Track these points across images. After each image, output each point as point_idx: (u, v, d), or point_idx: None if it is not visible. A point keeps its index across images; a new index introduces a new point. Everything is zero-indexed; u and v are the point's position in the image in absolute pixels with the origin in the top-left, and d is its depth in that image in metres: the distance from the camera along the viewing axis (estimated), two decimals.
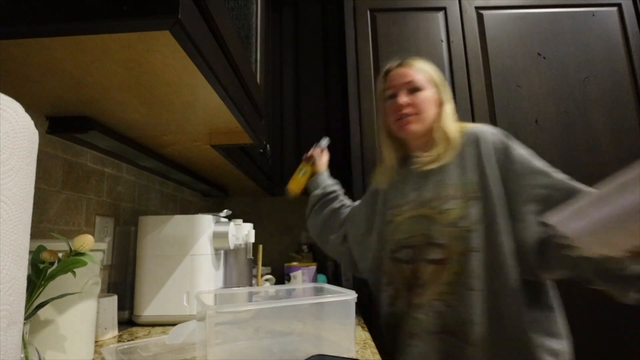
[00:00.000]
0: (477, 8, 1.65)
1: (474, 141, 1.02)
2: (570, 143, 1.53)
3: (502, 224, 0.89)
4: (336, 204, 1.24)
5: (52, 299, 0.51)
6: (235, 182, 1.59)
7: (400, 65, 1.10)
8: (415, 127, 1.03)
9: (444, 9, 1.66)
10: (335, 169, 1.84)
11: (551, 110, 1.55)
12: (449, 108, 1.06)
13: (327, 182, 1.28)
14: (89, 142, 0.89)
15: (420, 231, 0.99)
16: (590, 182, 1.47)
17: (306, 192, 1.31)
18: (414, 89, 1.05)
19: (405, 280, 1.01)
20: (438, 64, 1.60)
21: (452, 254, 0.93)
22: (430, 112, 1.04)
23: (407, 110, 1.03)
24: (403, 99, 1.04)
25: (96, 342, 0.77)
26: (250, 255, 1.23)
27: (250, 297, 0.90)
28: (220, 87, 0.64)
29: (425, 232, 0.98)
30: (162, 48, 0.51)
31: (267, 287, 1.37)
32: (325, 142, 1.37)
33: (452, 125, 1.04)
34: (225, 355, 0.59)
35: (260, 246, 1.28)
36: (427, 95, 1.04)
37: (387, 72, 1.13)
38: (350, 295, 0.71)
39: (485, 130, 1.03)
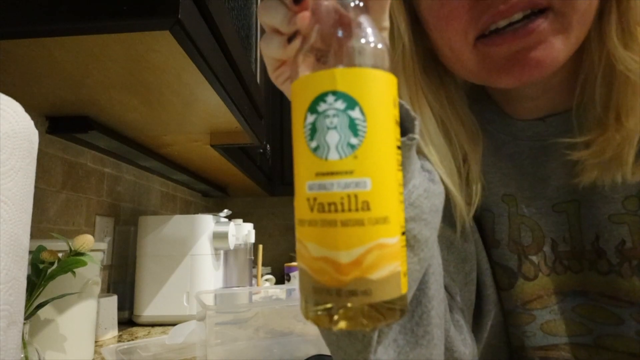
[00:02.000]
0: None
1: None
2: None
3: None
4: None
5: (52, 299, 0.51)
6: (235, 182, 1.59)
7: None
8: (558, 49, 0.34)
9: None
10: None
11: None
12: None
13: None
14: (89, 142, 0.89)
15: (616, 342, 0.40)
16: None
17: None
18: None
19: None
20: None
21: None
22: (592, 8, 0.35)
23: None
24: None
25: (96, 342, 0.77)
26: (250, 255, 1.23)
27: (250, 297, 0.90)
28: (220, 87, 0.64)
29: (634, 345, 0.39)
30: (162, 48, 0.51)
31: (267, 287, 1.37)
32: None
33: None
34: (225, 355, 0.59)
35: (260, 246, 1.28)
36: None
37: None
38: None
39: None
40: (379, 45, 0.21)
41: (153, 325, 0.96)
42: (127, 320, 1.00)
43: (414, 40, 0.41)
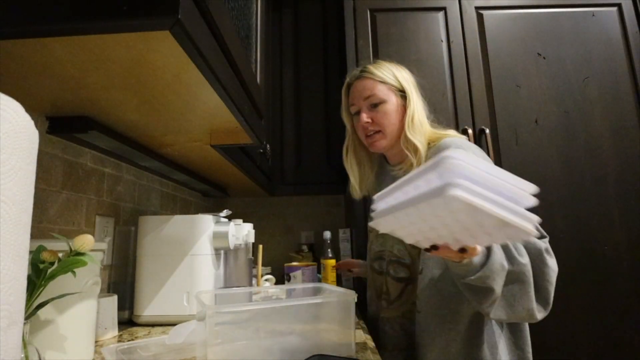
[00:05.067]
0: (477, 8, 1.65)
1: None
2: (570, 143, 1.53)
3: None
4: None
5: (52, 299, 0.51)
6: (235, 182, 1.59)
7: (360, 77, 1.04)
8: (382, 143, 1.00)
9: (444, 9, 1.66)
10: (335, 169, 1.84)
11: (551, 110, 1.55)
12: (415, 113, 0.99)
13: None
14: (89, 142, 0.89)
15: (388, 247, 1.00)
16: (590, 182, 1.48)
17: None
18: (374, 104, 1.00)
19: (376, 290, 1.04)
20: (438, 64, 1.60)
21: (416, 275, 0.93)
22: (394, 124, 0.99)
23: (371, 128, 1.00)
24: (364, 117, 1.00)
25: (96, 342, 0.77)
26: (250, 255, 1.23)
27: (250, 297, 0.90)
28: (220, 87, 0.64)
29: (391, 249, 0.99)
30: (162, 48, 0.51)
31: (267, 287, 1.37)
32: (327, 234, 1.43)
33: (419, 133, 0.97)
34: (225, 355, 0.59)
35: (260, 246, 1.28)
36: (389, 107, 0.99)
37: (349, 85, 1.08)
38: (350, 296, 0.71)
39: (446, 146, 0.91)
40: None
41: (153, 325, 0.96)
42: (127, 320, 1.00)
43: (353, 132, 1.09)
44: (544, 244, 0.84)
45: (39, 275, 0.49)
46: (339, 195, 2.09)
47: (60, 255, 0.51)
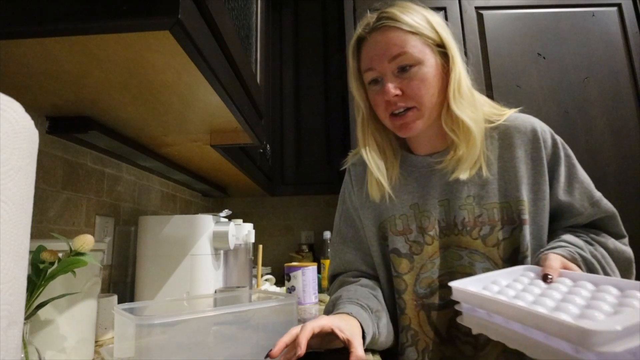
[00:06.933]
0: (477, 8, 1.65)
1: (530, 139, 0.77)
2: (570, 143, 1.52)
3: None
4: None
5: (52, 299, 0.51)
6: (235, 182, 1.59)
7: (380, 26, 0.70)
8: (418, 125, 0.71)
9: (444, 9, 1.66)
10: (335, 169, 1.84)
11: (551, 110, 1.55)
12: (462, 78, 0.71)
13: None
14: (89, 142, 0.89)
15: (458, 267, 0.73)
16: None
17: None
18: (404, 68, 0.69)
19: (439, 335, 0.73)
20: None
21: None
22: (433, 96, 0.70)
23: (401, 104, 0.70)
24: (390, 88, 0.68)
25: (96, 342, 0.77)
26: (250, 255, 1.23)
27: (250, 297, 0.90)
28: (220, 87, 0.64)
29: (468, 269, 0.71)
30: (162, 48, 0.51)
31: (267, 287, 1.37)
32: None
33: (469, 106, 0.71)
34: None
35: (260, 246, 1.28)
36: (426, 72, 0.69)
37: (361, 40, 0.74)
38: (292, 299, 0.67)
39: (535, 124, 0.79)
40: None
41: None
42: None
43: (368, 108, 0.78)
44: (629, 248, 0.75)
45: (39, 275, 0.49)
46: (339, 195, 2.09)
47: (60, 255, 0.51)
